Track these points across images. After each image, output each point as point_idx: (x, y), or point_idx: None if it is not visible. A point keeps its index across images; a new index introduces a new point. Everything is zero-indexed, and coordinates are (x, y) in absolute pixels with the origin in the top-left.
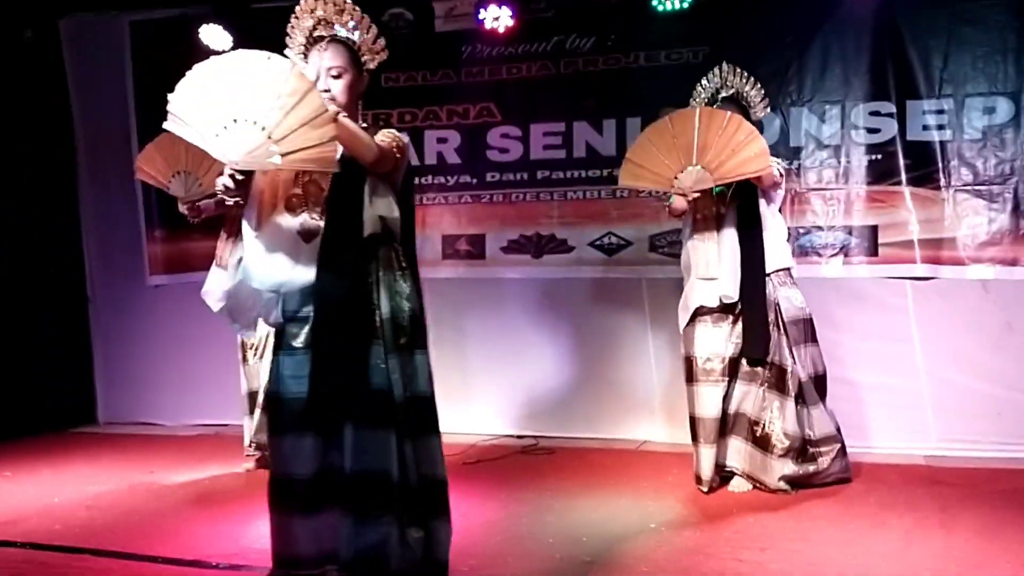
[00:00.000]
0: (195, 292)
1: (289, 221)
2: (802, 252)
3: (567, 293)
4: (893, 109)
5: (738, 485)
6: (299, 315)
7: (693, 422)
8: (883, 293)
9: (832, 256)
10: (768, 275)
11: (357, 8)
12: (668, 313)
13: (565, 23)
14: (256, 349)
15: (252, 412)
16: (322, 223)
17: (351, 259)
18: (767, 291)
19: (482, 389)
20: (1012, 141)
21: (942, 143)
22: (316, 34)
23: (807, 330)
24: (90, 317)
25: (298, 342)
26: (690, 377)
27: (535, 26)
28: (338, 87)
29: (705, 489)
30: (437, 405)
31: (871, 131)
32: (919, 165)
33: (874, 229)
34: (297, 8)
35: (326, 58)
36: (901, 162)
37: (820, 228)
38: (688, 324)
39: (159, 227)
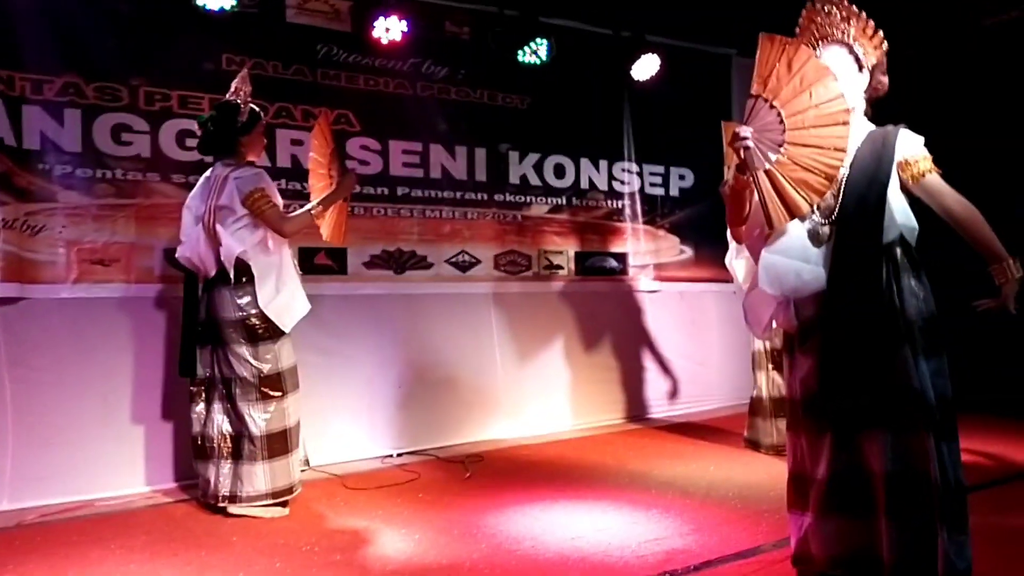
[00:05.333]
0: None
1: (799, 227)
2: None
3: (428, 308)
4: (636, 168)
5: None
6: (813, 319)
7: None
8: (633, 300)
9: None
10: None
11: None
12: (513, 324)
13: (422, 48)
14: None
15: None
16: (828, 229)
17: (867, 264)
18: None
19: (349, 410)
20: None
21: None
22: None
23: None
24: None
25: (812, 345)
26: None
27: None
28: None
29: None
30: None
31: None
32: (649, 211)
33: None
34: None
35: None
36: (639, 207)
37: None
38: None
39: None
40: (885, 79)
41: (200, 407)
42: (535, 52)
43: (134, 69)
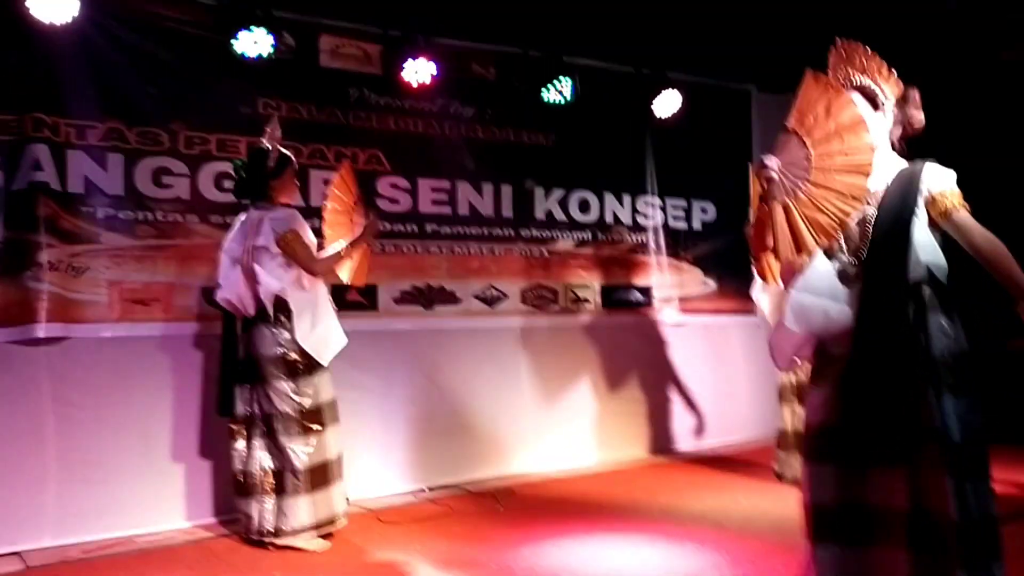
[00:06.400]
0: None
1: (827, 265)
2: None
3: (457, 343)
4: (659, 202)
5: None
6: (839, 354)
7: None
8: (658, 333)
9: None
10: None
11: None
12: (540, 358)
13: (449, 89)
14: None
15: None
16: (854, 269)
17: (891, 302)
18: None
19: (381, 445)
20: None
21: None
22: None
23: None
24: None
25: (829, 376)
26: None
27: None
28: None
29: None
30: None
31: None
32: (673, 244)
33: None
34: None
35: None
36: (663, 241)
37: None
38: None
39: None
40: (919, 114)
41: (241, 444)
42: (559, 91)
43: (174, 114)
